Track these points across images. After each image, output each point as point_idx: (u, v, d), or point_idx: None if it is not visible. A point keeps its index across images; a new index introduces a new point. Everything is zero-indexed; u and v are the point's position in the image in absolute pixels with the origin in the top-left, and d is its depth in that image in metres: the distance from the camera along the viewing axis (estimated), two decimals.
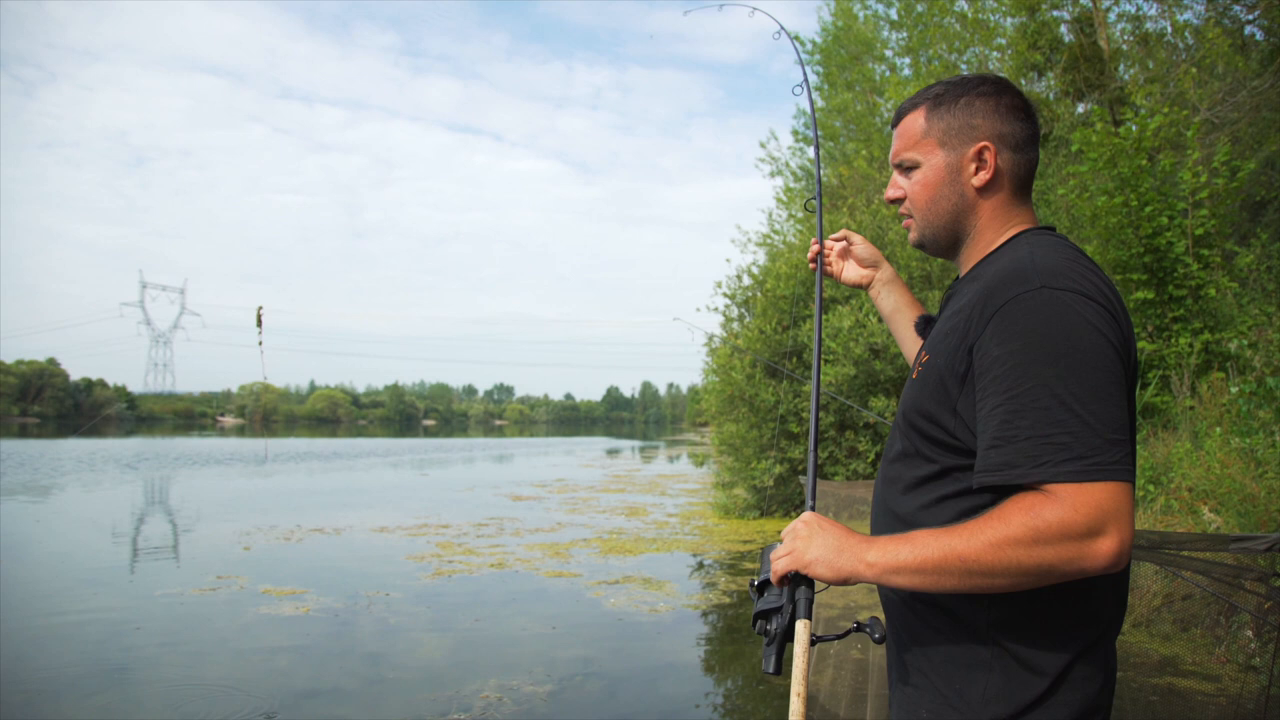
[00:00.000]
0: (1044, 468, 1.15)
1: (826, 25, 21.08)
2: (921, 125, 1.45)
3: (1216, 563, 3.97)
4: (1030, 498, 1.16)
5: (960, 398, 1.28)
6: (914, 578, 1.21)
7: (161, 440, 47.22)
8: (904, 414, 1.40)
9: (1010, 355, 1.19)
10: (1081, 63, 13.99)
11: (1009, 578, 1.17)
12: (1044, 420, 1.16)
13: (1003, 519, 1.16)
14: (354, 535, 11.57)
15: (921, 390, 1.35)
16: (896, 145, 1.49)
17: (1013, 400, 1.18)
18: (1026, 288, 1.22)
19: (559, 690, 5.22)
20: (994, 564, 1.16)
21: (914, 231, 1.50)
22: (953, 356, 1.29)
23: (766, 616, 1.36)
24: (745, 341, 13.46)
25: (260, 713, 4.85)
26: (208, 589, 7.97)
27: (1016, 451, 1.17)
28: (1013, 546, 1.14)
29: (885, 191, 1.52)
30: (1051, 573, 1.15)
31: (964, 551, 1.17)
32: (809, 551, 1.30)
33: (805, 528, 1.33)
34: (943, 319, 1.42)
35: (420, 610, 7.24)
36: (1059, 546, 1.13)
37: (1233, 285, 9.23)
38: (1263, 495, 5.50)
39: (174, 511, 15.23)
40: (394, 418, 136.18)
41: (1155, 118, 9.56)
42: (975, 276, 1.39)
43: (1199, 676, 5.12)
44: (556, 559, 9.64)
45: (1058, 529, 1.13)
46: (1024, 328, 1.20)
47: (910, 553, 1.21)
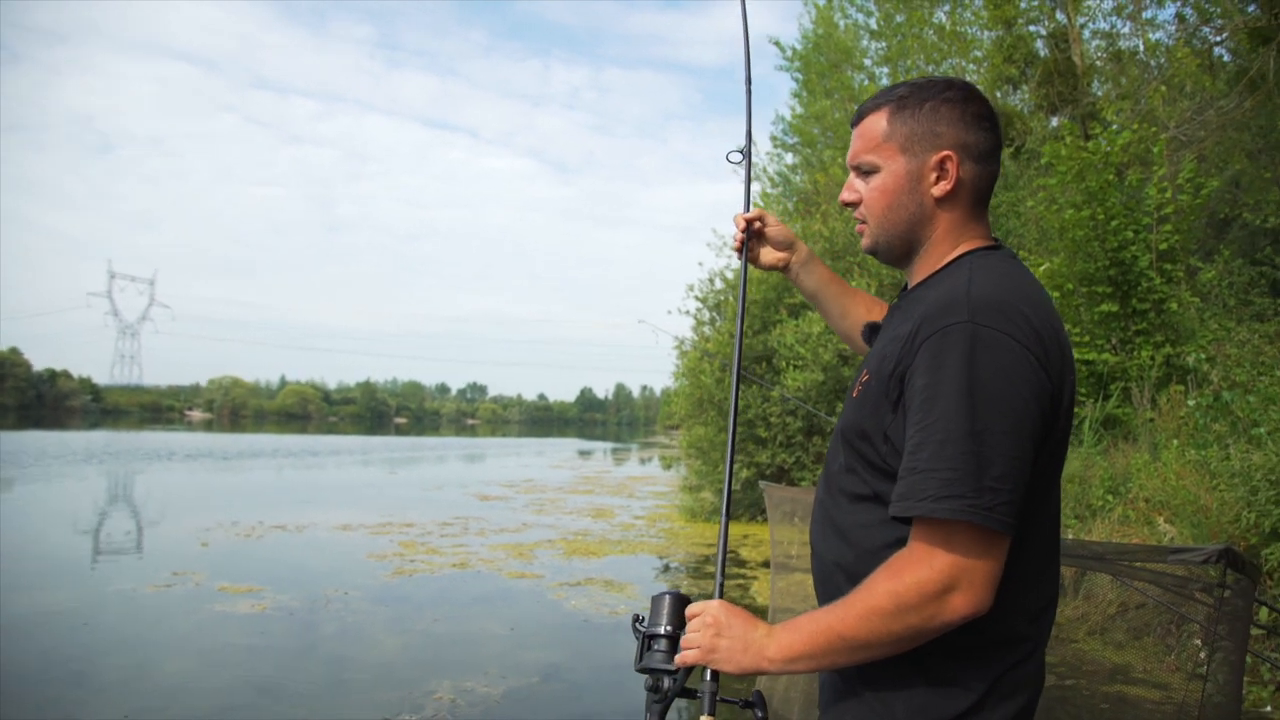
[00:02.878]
0: (924, 502, 1.15)
1: (807, 33, 21.19)
2: (883, 128, 1.37)
3: (1166, 573, 4.00)
4: (896, 561, 1.18)
5: (891, 423, 1.26)
6: (810, 663, 1.23)
7: (127, 434, 46.58)
8: (842, 431, 1.37)
9: (927, 388, 1.18)
10: (1055, 77, 14.14)
11: (885, 647, 1.18)
12: (938, 455, 1.15)
13: (869, 588, 1.19)
14: (316, 533, 11.45)
15: (860, 410, 1.32)
16: (856, 146, 1.41)
17: (920, 432, 1.18)
18: (955, 319, 1.20)
19: (513, 691, 5.18)
20: (868, 637, 1.17)
21: (867, 238, 1.42)
22: (887, 381, 1.26)
23: (656, 675, 1.34)
24: (715, 345, 13.48)
25: (203, 712, 4.78)
26: (162, 585, 7.85)
27: (910, 485, 1.17)
28: (880, 617, 1.16)
29: (841, 194, 1.45)
30: (920, 635, 1.16)
31: (840, 629, 1.19)
32: (717, 650, 1.28)
33: (714, 625, 1.29)
34: (882, 338, 1.39)
35: (378, 610, 7.17)
36: (920, 610, 1.15)
37: (1194, 300, 9.36)
38: (1215, 507, 5.57)
39: (135, 506, 15.03)
40: (365, 415, 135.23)
41: (1124, 133, 9.68)
42: (919, 298, 1.34)
43: (1149, 684, 5.17)
44: (520, 560, 9.59)
45: (915, 592, 1.14)
46: (944, 361, 1.18)
47: (801, 642, 1.23)
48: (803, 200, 19.22)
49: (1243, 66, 11.54)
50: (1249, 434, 6.17)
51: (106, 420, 75.72)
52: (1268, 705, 4.76)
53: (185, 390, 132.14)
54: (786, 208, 20.80)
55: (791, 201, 20.91)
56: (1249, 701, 4.77)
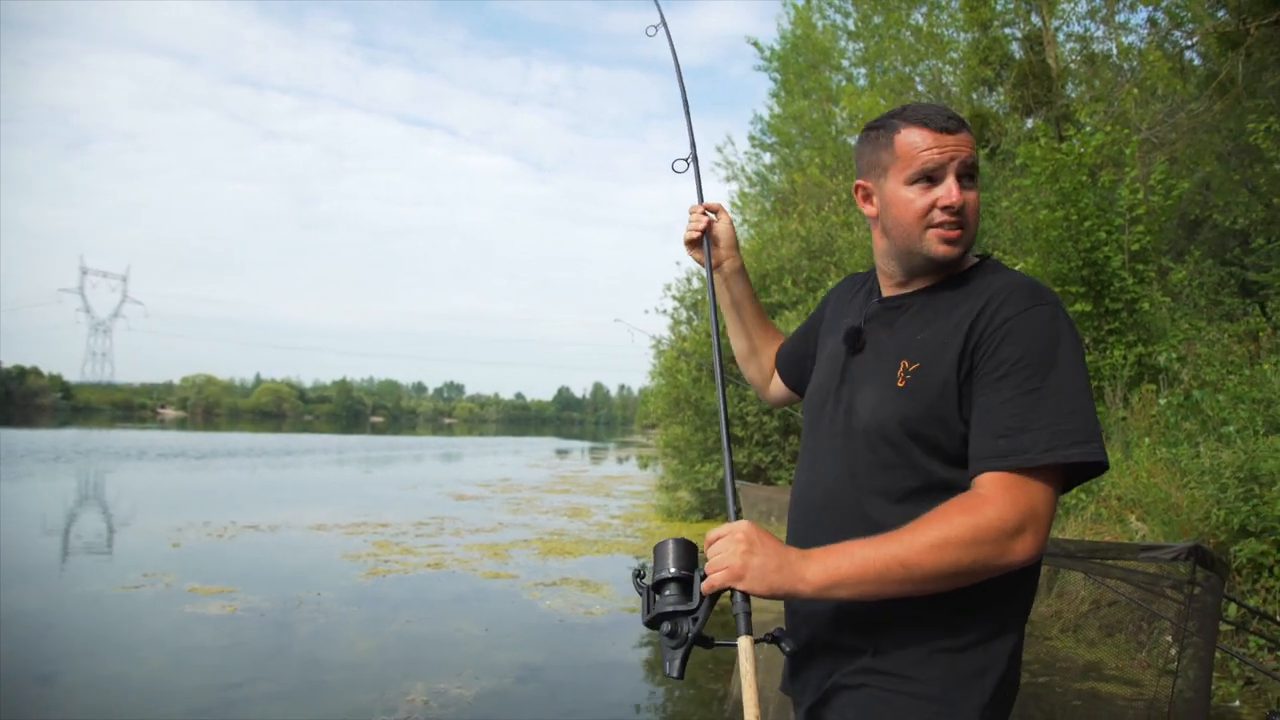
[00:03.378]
0: (1054, 451, 1.25)
1: (785, 33, 21.25)
2: (973, 143, 1.47)
3: (1138, 571, 4.03)
4: (969, 499, 1.27)
5: (963, 400, 1.35)
6: (854, 589, 1.25)
7: (98, 432, 45.99)
8: (892, 424, 1.39)
9: (1027, 355, 1.30)
10: (1030, 79, 14.23)
11: (944, 580, 1.24)
12: (1056, 412, 1.28)
13: (944, 520, 1.25)
14: (289, 533, 11.35)
15: (918, 399, 1.37)
16: (967, 152, 1.43)
17: (1028, 395, 1.29)
18: (1038, 302, 1.35)
19: (487, 692, 5.14)
20: (934, 567, 1.23)
21: (959, 245, 1.44)
22: (957, 361, 1.35)
23: (674, 619, 1.30)
24: (692, 344, 13.47)
25: (173, 715, 4.71)
26: (132, 586, 7.74)
27: (1031, 439, 1.26)
28: (954, 548, 1.22)
29: (950, 194, 1.42)
30: (985, 571, 1.25)
31: (905, 557, 1.23)
32: (749, 568, 1.27)
33: (744, 542, 1.28)
34: (920, 328, 1.44)
35: (351, 611, 7.11)
36: (995, 544, 1.23)
37: (1166, 300, 9.45)
38: (1185, 505, 5.62)
39: (105, 506, 14.84)
40: (341, 414, 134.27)
41: (1097, 135, 9.76)
42: (953, 286, 1.45)
43: (1120, 681, 5.21)
44: (495, 560, 9.54)
45: (996, 526, 1.23)
46: (1039, 335, 1.32)
47: (850, 565, 1.25)
48: (780, 200, 19.26)
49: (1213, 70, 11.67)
50: (1218, 432, 6.24)
51: (77, 418, 74.72)
52: (1236, 700, 4.81)
53: (158, 388, 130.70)
54: (764, 207, 20.85)
55: (769, 201, 20.95)
56: (1218, 697, 4.82)
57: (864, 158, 1.53)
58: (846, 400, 1.49)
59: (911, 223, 1.44)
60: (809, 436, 1.58)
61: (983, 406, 1.32)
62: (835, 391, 1.52)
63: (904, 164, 1.44)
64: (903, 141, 1.44)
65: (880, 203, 1.49)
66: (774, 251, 13.60)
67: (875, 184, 1.50)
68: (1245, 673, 4.94)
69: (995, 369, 1.32)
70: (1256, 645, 5.09)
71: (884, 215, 1.49)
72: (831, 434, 1.50)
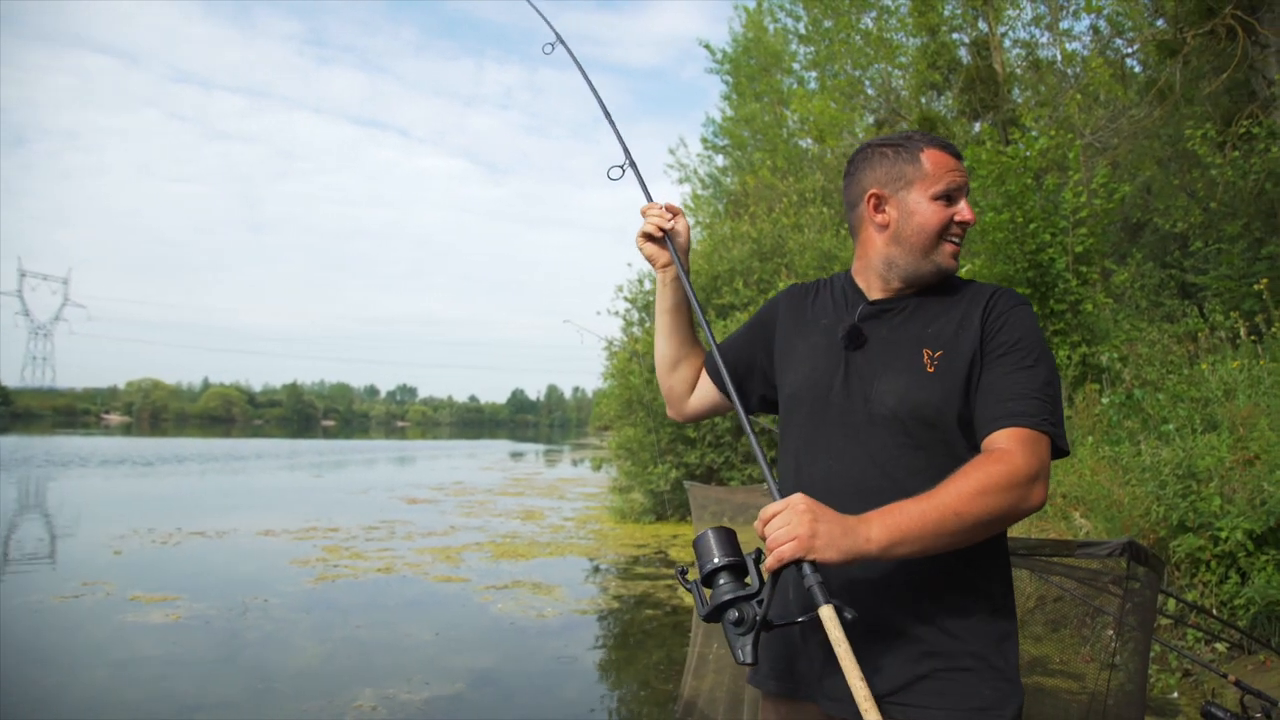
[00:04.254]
0: (1045, 422, 1.45)
1: (737, 36, 21.38)
2: None
3: (1080, 567, 4.10)
4: (994, 453, 1.42)
5: (977, 375, 1.53)
6: (913, 545, 1.33)
7: (39, 439, 44.77)
8: (928, 407, 1.52)
9: (1025, 338, 1.53)
10: (978, 84, 14.47)
11: (984, 525, 1.37)
12: (1043, 390, 1.48)
13: (981, 470, 1.38)
14: (237, 538, 11.13)
15: (948, 380, 1.53)
16: (965, 177, 1.64)
17: (1023, 372, 1.49)
18: (1024, 302, 1.59)
19: (437, 698, 5.08)
20: (981, 511, 1.34)
21: (957, 258, 1.64)
22: (972, 345, 1.54)
23: (738, 605, 1.30)
24: (645, 346, 13.47)
25: None
26: (70, 596, 7.53)
27: (1039, 405, 1.46)
28: (993, 493, 1.35)
29: (968, 213, 1.62)
30: (1013, 514, 1.39)
31: (956, 506, 1.33)
32: (817, 536, 1.30)
33: (808, 512, 1.32)
34: (927, 322, 1.59)
35: (299, 617, 6.99)
36: (1021, 489, 1.37)
37: (1108, 302, 9.64)
38: (1127, 501, 5.73)
39: (46, 514, 14.42)
40: (292, 418, 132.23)
41: (1042, 139, 9.94)
42: (942, 292, 1.63)
43: (1065, 675, 5.30)
44: (446, 563, 9.44)
45: (1023, 472, 1.38)
46: (1029, 323, 1.55)
47: (909, 520, 1.33)
48: (732, 202, 19.35)
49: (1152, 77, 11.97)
50: (1159, 430, 6.39)
51: (17, 424, 72.64)
52: (1175, 692, 4.92)
53: (102, 393, 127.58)
54: (717, 209, 20.94)
55: (722, 203, 21.05)
56: (1158, 689, 4.92)
57: (879, 169, 1.65)
58: (860, 391, 1.58)
59: (932, 232, 1.60)
60: (810, 428, 1.63)
61: (989, 379, 1.51)
62: (841, 384, 1.60)
63: (933, 180, 1.60)
64: (930, 159, 1.61)
65: (900, 211, 1.62)
66: (725, 253, 13.65)
67: (895, 194, 1.63)
68: (1183, 665, 5.05)
69: (997, 349, 1.52)
70: (1194, 638, 5.21)
71: (903, 224, 1.62)
72: (845, 424, 1.58)
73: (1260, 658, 4.85)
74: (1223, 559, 5.10)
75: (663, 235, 1.81)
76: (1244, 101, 10.84)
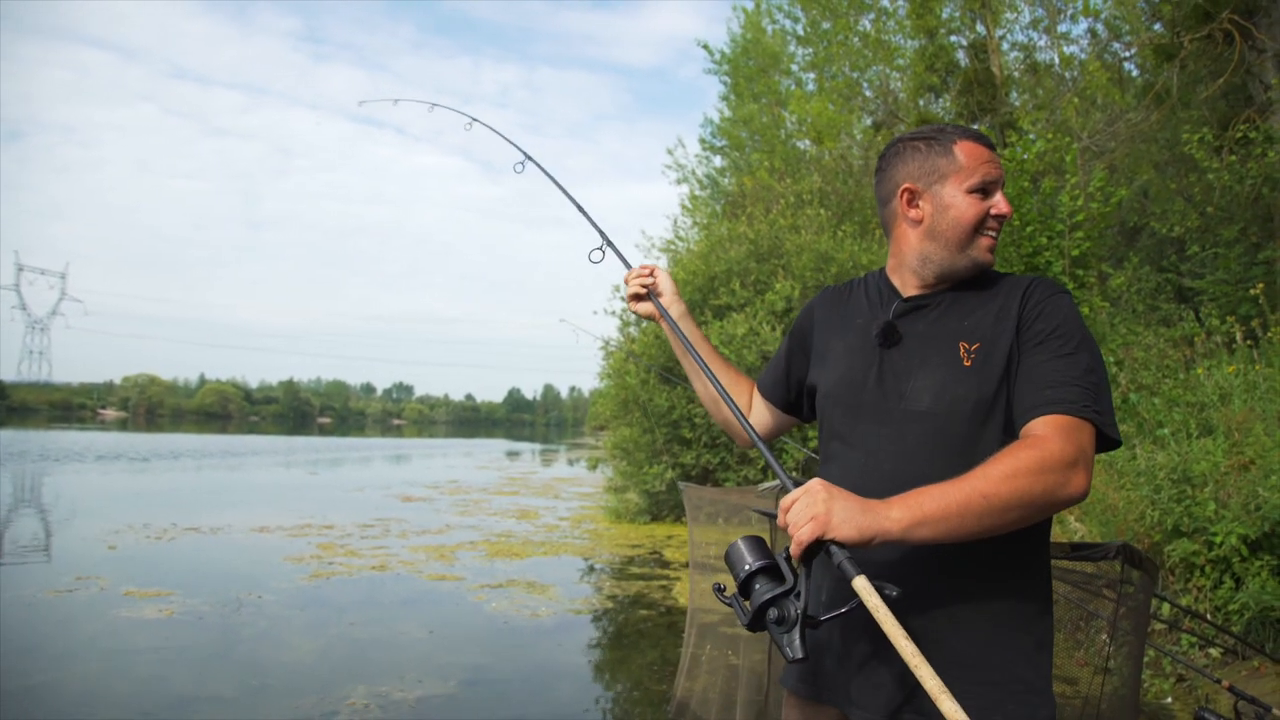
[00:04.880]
0: (1087, 409, 1.41)
1: (735, 37, 21.37)
2: None
3: (1075, 570, 4.10)
4: (1028, 439, 1.39)
5: (1013, 359, 1.51)
6: (937, 526, 1.29)
7: (34, 433, 44.66)
8: (966, 400, 1.51)
9: (1064, 324, 1.49)
10: (975, 87, 14.51)
11: (1021, 510, 1.33)
12: (1093, 374, 1.45)
13: (1012, 455, 1.35)
14: (231, 535, 11.11)
15: (985, 373, 1.51)
16: (1001, 170, 1.62)
17: (1064, 359, 1.46)
18: (1063, 290, 1.56)
19: (430, 696, 5.07)
20: (1010, 494, 1.30)
21: (994, 251, 1.62)
22: (1004, 333, 1.52)
23: (777, 603, 1.29)
24: (641, 346, 13.45)
25: None
26: (64, 590, 7.51)
27: (1079, 392, 1.42)
28: (1024, 476, 1.31)
29: (1004, 206, 1.60)
30: (1050, 502, 1.34)
31: (983, 488, 1.30)
32: (834, 514, 1.28)
33: (823, 492, 1.31)
34: (963, 316, 1.58)
35: (292, 614, 6.97)
36: (1057, 474, 1.33)
37: (1105, 305, 9.65)
38: (1121, 506, 5.74)
39: (40, 509, 14.39)
40: (288, 415, 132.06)
41: (1039, 142, 9.96)
42: (978, 287, 1.61)
43: (1059, 679, 5.29)
44: (441, 561, 9.43)
45: (1057, 457, 1.33)
46: (1068, 311, 1.51)
47: (933, 502, 1.29)
48: (730, 203, 19.35)
49: (1149, 81, 11.99)
50: (1154, 435, 6.39)
51: (13, 419, 72.47)
52: (1169, 697, 4.93)
53: (99, 388, 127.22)
54: (715, 210, 20.93)
55: (719, 204, 21.05)
56: (1152, 693, 4.93)
57: (912, 164, 1.63)
58: (895, 388, 1.57)
59: (968, 225, 1.57)
60: (845, 427, 1.64)
61: (1026, 367, 1.48)
62: (875, 382, 1.59)
63: (967, 173, 1.58)
64: (965, 152, 1.59)
65: (934, 206, 1.60)
66: (722, 254, 13.64)
67: (928, 189, 1.60)
68: (1177, 670, 5.06)
69: (1034, 337, 1.49)
70: (1188, 643, 5.22)
71: (938, 218, 1.60)
72: (881, 421, 1.57)
73: (1254, 663, 4.86)
74: (1217, 564, 5.10)
75: (647, 293, 1.92)
76: (1241, 106, 10.86)
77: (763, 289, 12.92)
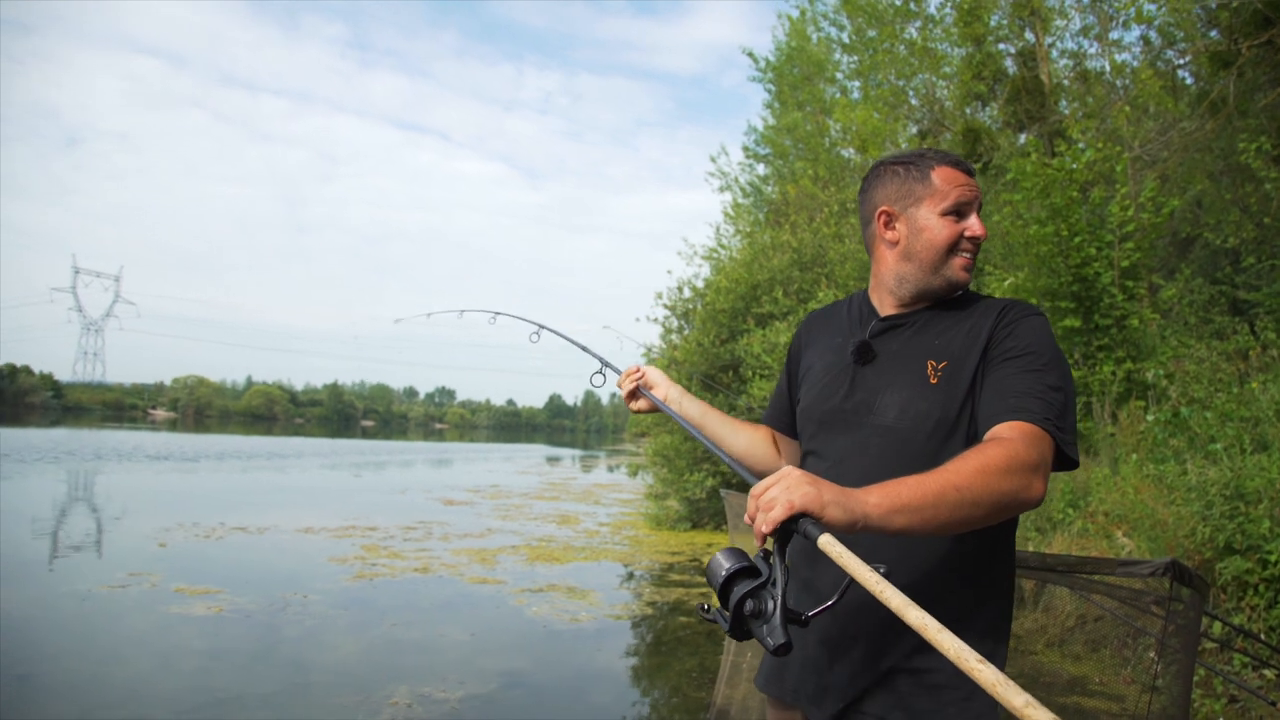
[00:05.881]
0: (1048, 423, 1.44)
1: (780, 45, 21.33)
2: None
3: (1122, 586, 4.04)
4: (994, 440, 1.42)
5: (977, 374, 1.56)
6: (913, 516, 1.29)
7: (88, 432, 45.73)
8: (929, 417, 1.56)
9: (1036, 344, 1.53)
10: (1023, 95, 14.31)
11: (987, 507, 1.34)
12: (1060, 392, 1.48)
13: (979, 452, 1.37)
14: (277, 535, 11.30)
15: (950, 391, 1.56)
16: (977, 192, 1.67)
17: (1031, 374, 1.50)
18: (1037, 312, 1.61)
19: (471, 697, 5.12)
20: (979, 492, 1.32)
21: (972, 271, 1.69)
22: (972, 352, 1.56)
23: (753, 595, 1.24)
24: (683, 353, 13.46)
25: (156, 715, 4.68)
26: (117, 586, 7.70)
27: (1044, 405, 1.45)
28: (994, 474, 1.33)
29: (978, 228, 1.66)
30: (1015, 501, 1.36)
31: (956, 481, 1.31)
32: (824, 495, 1.23)
33: (804, 476, 1.26)
34: (935, 335, 1.63)
35: (336, 613, 7.08)
36: (1022, 475, 1.35)
37: (1155, 317, 9.48)
38: (1171, 521, 5.63)
39: (94, 506, 14.75)
40: (332, 417, 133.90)
41: (1089, 151, 9.81)
42: (953, 307, 1.67)
43: (1105, 696, 5.22)
44: (482, 565, 9.51)
45: (1023, 459, 1.36)
46: (1041, 333, 1.55)
47: (908, 491, 1.30)
48: (773, 211, 19.30)
49: (1204, 89, 11.75)
50: (1205, 450, 6.27)
51: (68, 418, 74.31)
52: (1220, 717, 4.82)
53: (149, 389, 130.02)
54: (758, 218, 20.88)
55: (762, 212, 21.00)
56: (1202, 715, 4.83)
57: (889, 187, 1.70)
58: (865, 404, 1.63)
59: (941, 248, 1.63)
60: (819, 442, 1.70)
61: (994, 379, 1.52)
62: (845, 398, 1.66)
63: (941, 196, 1.64)
64: (940, 176, 1.65)
65: (909, 229, 1.67)
66: (765, 262, 13.61)
67: (904, 212, 1.67)
68: (1229, 690, 4.95)
69: (1004, 353, 1.53)
70: (1241, 663, 5.10)
71: (912, 240, 1.66)
72: (850, 437, 1.63)
73: None
74: (1272, 583, 4.99)
75: (637, 389, 2.06)
76: None
77: (806, 297, 12.87)
